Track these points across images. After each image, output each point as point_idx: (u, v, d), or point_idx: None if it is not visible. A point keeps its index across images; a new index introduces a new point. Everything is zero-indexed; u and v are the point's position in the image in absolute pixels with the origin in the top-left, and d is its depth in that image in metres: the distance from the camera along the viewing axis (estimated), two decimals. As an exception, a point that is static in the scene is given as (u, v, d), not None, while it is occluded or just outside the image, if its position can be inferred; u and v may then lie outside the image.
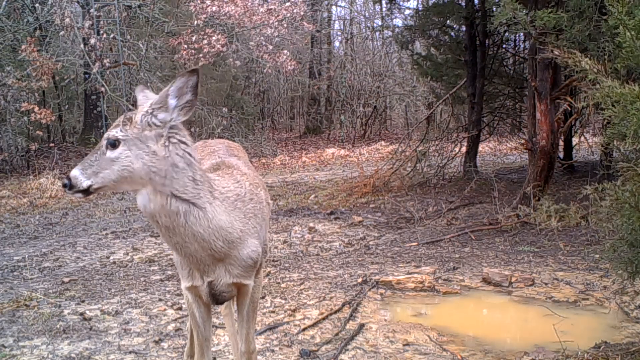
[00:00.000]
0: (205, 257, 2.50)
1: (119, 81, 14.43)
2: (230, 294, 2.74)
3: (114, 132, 2.32)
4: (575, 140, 11.29)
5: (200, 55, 12.82)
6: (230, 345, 3.68)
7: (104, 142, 2.32)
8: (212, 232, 2.45)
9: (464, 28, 11.06)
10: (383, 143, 18.10)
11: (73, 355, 3.84)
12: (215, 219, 2.46)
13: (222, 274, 2.60)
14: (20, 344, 4.05)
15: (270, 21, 13.34)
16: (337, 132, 20.84)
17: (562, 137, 9.61)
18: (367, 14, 23.45)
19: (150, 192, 2.33)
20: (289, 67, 14.41)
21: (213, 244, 2.47)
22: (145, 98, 2.53)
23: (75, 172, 2.29)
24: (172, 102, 2.37)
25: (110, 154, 2.30)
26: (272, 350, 3.83)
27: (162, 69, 15.19)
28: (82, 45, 12.89)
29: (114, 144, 2.30)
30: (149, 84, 14.10)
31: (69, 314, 4.67)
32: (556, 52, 3.14)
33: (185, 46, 12.73)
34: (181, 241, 2.43)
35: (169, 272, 5.82)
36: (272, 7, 13.40)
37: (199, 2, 12.75)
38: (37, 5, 13.66)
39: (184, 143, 2.39)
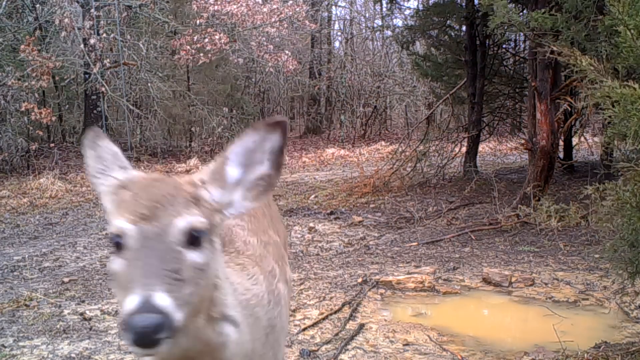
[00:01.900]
0: None
1: (119, 81, 14.45)
2: None
3: (192, 218, 1.33)
4: (575, 140, 11.29)
5: (201, 54, 12.82)
6: None
7: (176, 235, 1.30)
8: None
9: (464, 28, 11.06)
10: (383, 143, 18.10)
11: (73, 355, 3.84)
12: (242, 340, 1.54)
13: None
14: (20, 344, 4.04)
15: (272, 20, 13.35)
16: (337, 132, 20.83)
17: (562, 137, 9.60)
18: (367, 14, 23.47)
19: (204, 319, 1.40)
20: (291, 67, 14.44)
21: None
22: (98, 158, 1.49)
23: (163, 300, 1.20)
24: (232, 173, 1.43)
25: (193, 256, 1.31)
26: (272, 350, 3.83)
27: (162, 69, 15.20)
28: (82, 45, 12.90)
29: (196, 239, 1.32)
30: (149, 84, 14.11)
31: (69, 314, 4.66)
32: (555, 49, 3.14)
33: (188, 47, 12.73)
34: None
35: (169, 272, 5.81)
36: (275, 6, 13.42)
37: (202, 1, 12.76)
38: (37, 5, 13.66)
39: None
